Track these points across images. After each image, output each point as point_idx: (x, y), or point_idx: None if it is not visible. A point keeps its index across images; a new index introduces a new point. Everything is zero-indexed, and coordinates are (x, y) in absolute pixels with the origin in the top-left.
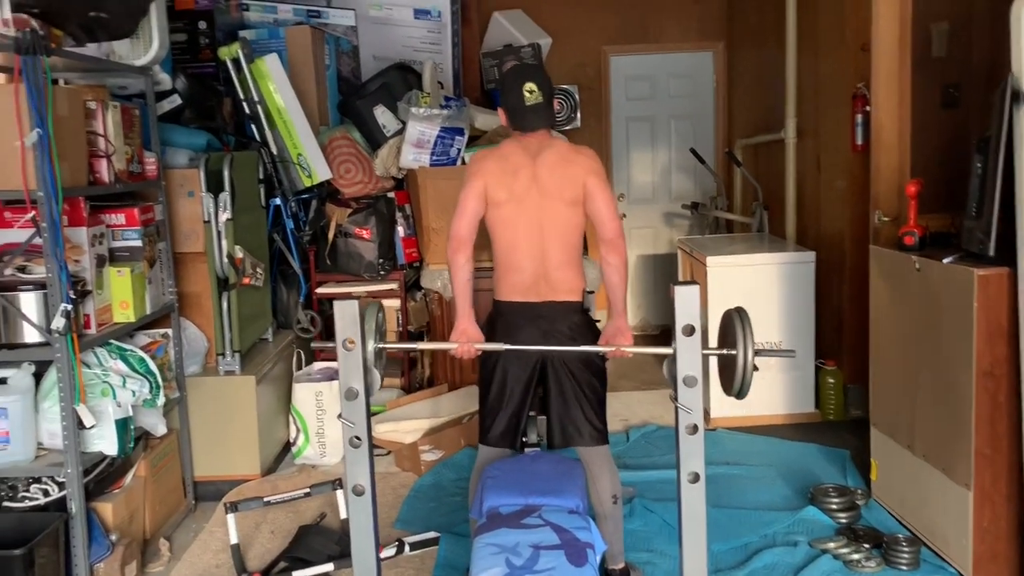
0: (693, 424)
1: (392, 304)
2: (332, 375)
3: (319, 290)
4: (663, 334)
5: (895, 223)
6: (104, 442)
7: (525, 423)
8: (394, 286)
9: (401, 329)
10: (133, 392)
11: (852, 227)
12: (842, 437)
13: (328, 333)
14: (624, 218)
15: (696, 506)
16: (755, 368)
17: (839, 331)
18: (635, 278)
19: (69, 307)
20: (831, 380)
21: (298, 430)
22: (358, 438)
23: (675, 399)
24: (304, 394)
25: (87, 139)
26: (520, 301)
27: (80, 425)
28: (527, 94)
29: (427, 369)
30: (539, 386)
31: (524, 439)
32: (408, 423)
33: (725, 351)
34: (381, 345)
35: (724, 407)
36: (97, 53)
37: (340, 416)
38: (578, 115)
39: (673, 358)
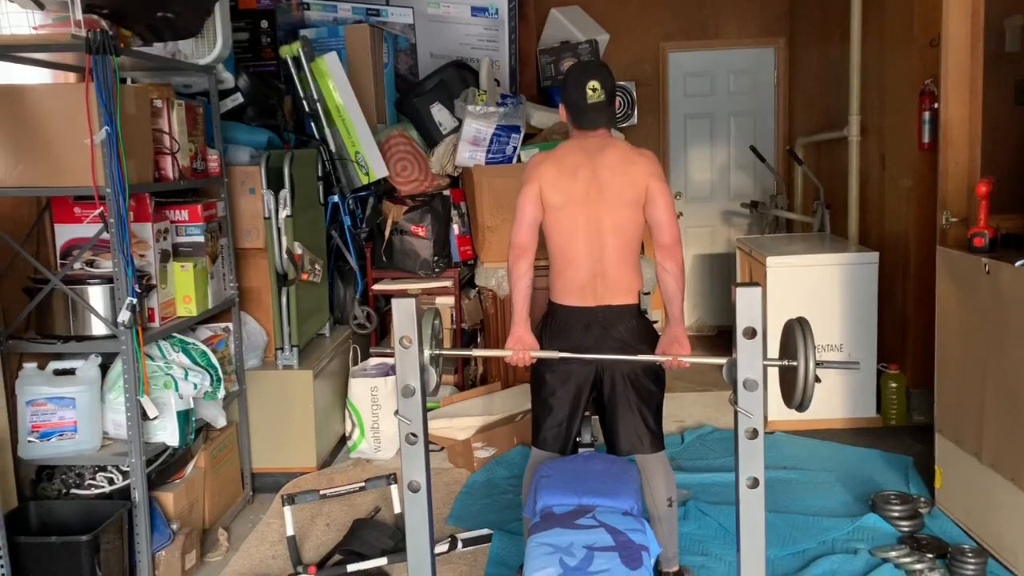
0: (753, 428)
1: (446, 301)
2: (387, 371)
3: (375, 287)
4: (720, 335)
5: (964, 224)
6: (166, 433)
7: (579, 427)
8: (448, 283)
9: (455, 327)
10: (195, 384)
11: (918, 227)
12: (904, 443)
13: (383, 330)
14: (681, 216)
15: (755, 512)
16: (817, 380)
17: (903, 334)
18: (691, 278)
19: (134, 301)
20: (894, 384)
21: (353, 424)
22: (414, 435)
23: (735, 403)
24: (360, 389)
25: (153, 136)
26: (576, 306)
27: (144, 416)
28: (590, 92)
29: (480, 366)
30: (594, 390)
31: (578, 439)
32: (462, 420)
33: (786, 362)
34: (438, 351)
35: (783, 410)
36: (163, 52)
37: (397, 413)
38: (635, 112)
39: (733, 361)
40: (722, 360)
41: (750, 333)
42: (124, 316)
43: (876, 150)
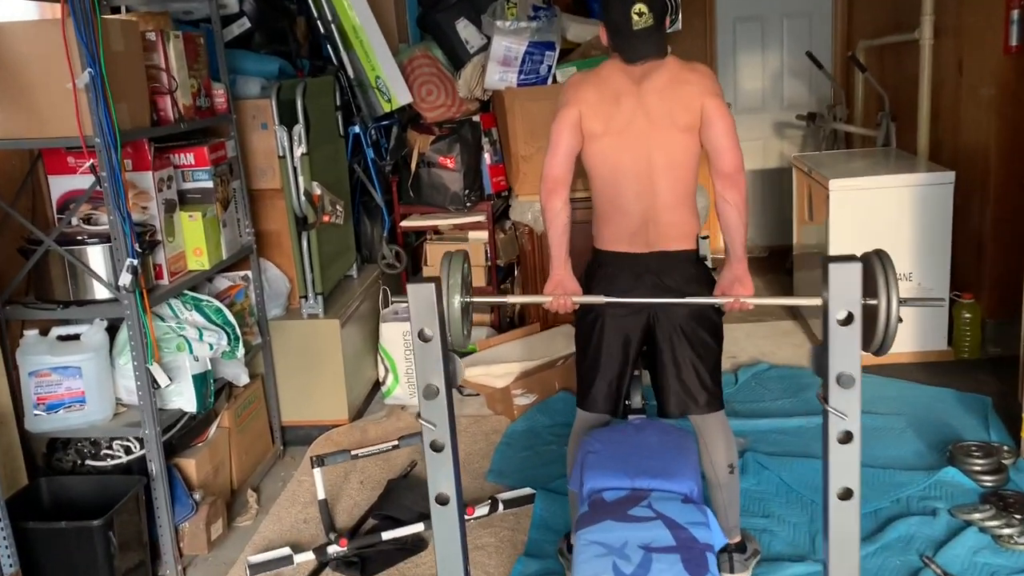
0: (847, 431)
1: (480, 236)
2: None
3: (403, 223)
4: (771, 255)
5: None
6: (182, 399)
7: (629, 386)
8: (481, 218)
9: (490, 263)
10: (211, 345)
11: (1000, 140)
12: (979, 379)
13: (415, 266)
14: None
15: (848, 527)
16: (899, 320)
17: (978, 260)
18: None
19: (135, 262)
20: (968, 315)
21: (387, 370)
22: (440, 443)
23: (824, 400)
24: (392, 333)
25: (148, 74)
26: (625, 252)
27: (155, 385)
28: (635, 16)
29: (518, 304)
30: (644, 345)
31: (628, 402)
32: (499, 367)
33: (865, 301)
34: (469, 299)
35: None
36: None
37: (419, 416)
38: (679, 16)
39: (823, 350)
40: (809, 301)
41: (847, 319)
42: (125, 279)
43: (952, 54)
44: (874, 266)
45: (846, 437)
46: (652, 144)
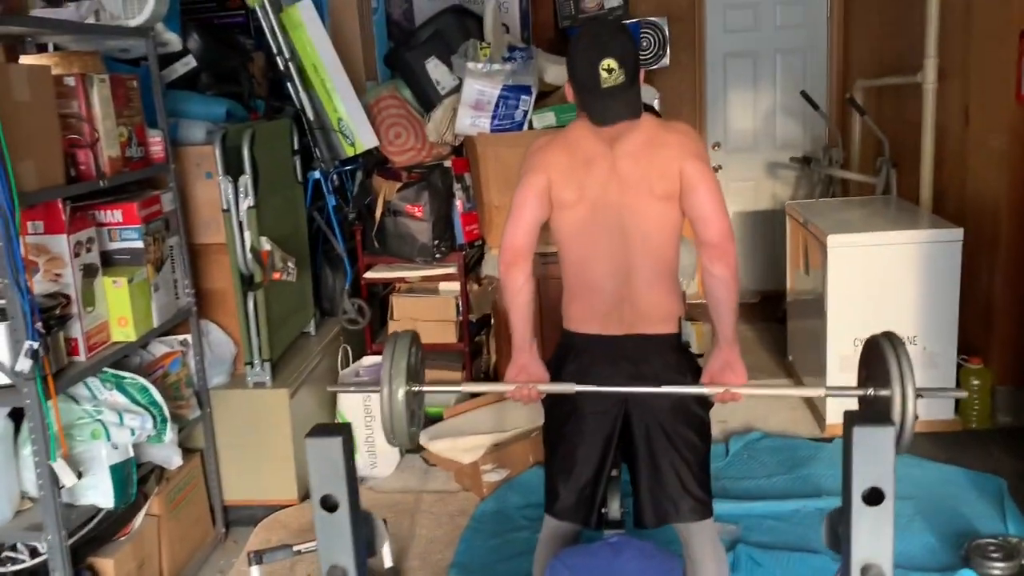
0: None
1: (451, 288)
2: None
3: (368, 275)
4: (763, 302)
5: None
6: (98, 493)
7: (604, 491)
8: (452, 269)
9: (461, 318)
10: (132, 430)
11: (1012, 195)
12: (991, 454)
13: (382, 319)
14: (720, 170)
15: None
16: (915, 416)
17: (988, 322)
18: None
19: (35, 345)
20: (976, 381)
21: None
22: None
23: None
24: (351, 399)
25: (65, 125)
26: (598, 334)
27: (58, 483)
28: (603, 73)
29: (492, 355)
30: (621, 440)
31: (604, 511)
32: (467, 439)
33: (871, 391)
34: (417, 388)
35: (850, 404)
36: (75, 15)
37: None
38: (667, 52)
39: (844, 532)
40: (811, 392)
41: (875, 497)
42: (23, 365)
43: (958, 100)
44: (885, 351)
45: None
46: (627, 214)
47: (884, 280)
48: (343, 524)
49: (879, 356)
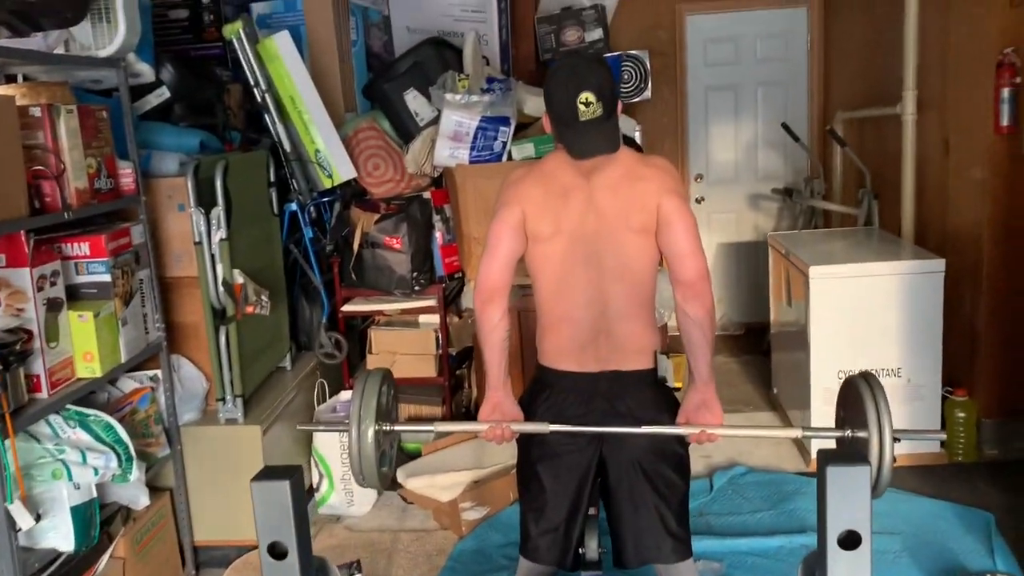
0: None
1: (431, 321)
2: None
3: (345, 308)
4: (748, 334)
5: None
6: (58, 536)
7: (581, 531)
8: (432, 302)
9: (441, 352)
10: (96, 469)
11: (992, 227)
12: (977, 488)
13: (361, 353)
14: (702, 202)
15: None
16: (893, 459)
17: (972, 353)
18: (715, 270)
19: None
20: (961, 413)
21: (321, 475)
22: None
23: None
24: (327, 436)
25: (30, 156)
26: (573, 372)
27: (14, 527)
28: (581, 107)
29: (474, 389)
30: (598, 477)
31: (581, 550)
32: (445, 476)
33: (849, 433)
34: (389, 427)
35: (829, 444)
36: (42, 45)
37: None
38: (649, 85)
39: (818, 567)
40: (788, 433)
41: (850, 541)
42: None
43: (937, 132)
44: (862, 392)
45: None
46: (603, 247)
47: (867, 312)
48: (292, 573)
49: (856, 397)
